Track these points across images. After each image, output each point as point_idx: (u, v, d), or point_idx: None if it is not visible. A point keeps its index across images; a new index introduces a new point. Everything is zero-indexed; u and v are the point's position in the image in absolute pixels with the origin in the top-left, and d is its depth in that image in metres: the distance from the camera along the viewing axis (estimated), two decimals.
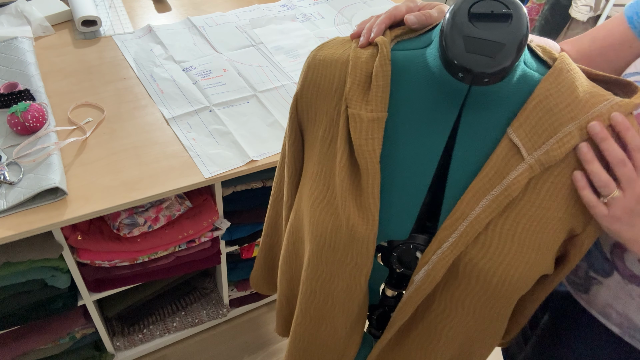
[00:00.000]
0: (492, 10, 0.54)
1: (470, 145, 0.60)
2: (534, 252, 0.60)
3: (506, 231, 0.59)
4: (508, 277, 0.60)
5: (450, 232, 0.59)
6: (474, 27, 0.54)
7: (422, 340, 0.70)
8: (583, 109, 0.57)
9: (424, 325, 0.68)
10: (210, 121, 1.30)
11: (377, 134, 0.61)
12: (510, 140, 0.57)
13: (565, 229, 0.61)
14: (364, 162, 0.61)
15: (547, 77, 0.58)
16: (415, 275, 0.63)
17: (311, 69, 0.67)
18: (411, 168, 0.63)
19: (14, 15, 1.52)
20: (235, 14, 1.71)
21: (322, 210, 0.65)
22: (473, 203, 0.58)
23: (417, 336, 0.70)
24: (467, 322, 0.66)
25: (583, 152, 0.57)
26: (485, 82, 0.55)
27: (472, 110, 0.60)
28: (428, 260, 0.61)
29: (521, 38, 0.53)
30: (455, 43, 0.54)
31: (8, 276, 1.10)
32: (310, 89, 0.67)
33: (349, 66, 0.63)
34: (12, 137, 1.15)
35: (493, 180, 0.58)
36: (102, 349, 1.49)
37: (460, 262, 0.61)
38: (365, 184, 0.61)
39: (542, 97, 0.57)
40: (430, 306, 0.66)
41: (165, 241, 1.25)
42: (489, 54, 0.53)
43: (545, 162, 0.57)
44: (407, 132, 0.62)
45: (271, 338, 1.73)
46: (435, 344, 0.69)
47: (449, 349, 0.70)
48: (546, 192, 0.58)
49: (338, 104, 0.64)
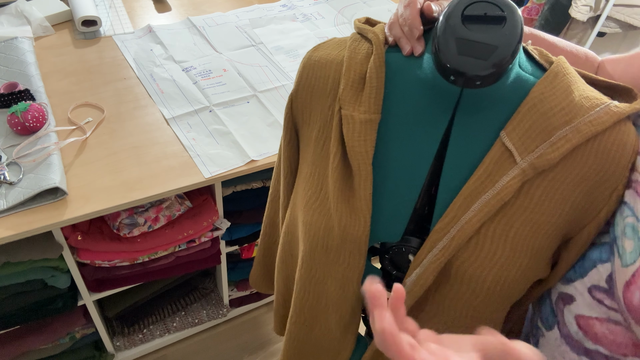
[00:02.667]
0: (486, 13, 0.53)
1: (463, 148, 0.60)
2: (527, 257, 0.59)
3: (498, 235, 0.58)
4: (500, 281, 0.59)
5: (442, 235, 0.59)
6: (467, 29, 0.53)
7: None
8: (578, 113, 0.56)
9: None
10: (210, 121, 1.30)
11: (370, 135, 0.60)
12: (503, 144, 0.57)
13: (559, 234, 0.60)
14: (356, 163, 0.61)
15: (542, 81, 0.57)
16: (407, 278, 0.62)
17: (306, 69, 0.67)
18: (404, 170, 0.62)
19: (14, 15, 1.52)
20: (235, 14, 1.71)
21: (314, 211, 0.65)
22: (465, 206, 0.58)
23: None
24: (459, 326, 0.65)
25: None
26: (477, 84, 0.55)
27: (465, 113, 0.59)
28: (420, 263, 0.60)
29: (515, 41, 0.53)
30: (447, 45, 0.54)
31: (8, 276, 1.10)
32: (305, 90, 0.67)
33: (343, 67, 0.62)
34: (12, 137, 1.15)
35: (485, 183, 0.57)
36: (102, 349, 1.49)
37: (452, 266, 0.60)
38: (358, 186, 0.61)
39: (537, 101, 0.56)
40: (422, 309, 0.66)
41: (165, 241, 1.25)
42: (481, 57, 0.53)
43: (539, 166, 0.56)
44: (400, 134, 0.62)
45: (271, 338, 1.72)
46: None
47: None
48: (539, 196, 0.58)
49: (332, 104, 0.64)
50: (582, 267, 0.61)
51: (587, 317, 0.60)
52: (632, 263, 0.54)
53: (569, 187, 0.57)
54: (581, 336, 0.61)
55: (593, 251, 0.60)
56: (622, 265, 0.55)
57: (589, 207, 0.58)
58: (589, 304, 0.60)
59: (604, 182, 0.57)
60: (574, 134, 0.55)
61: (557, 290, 0.66)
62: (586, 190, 0.58)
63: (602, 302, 0.58)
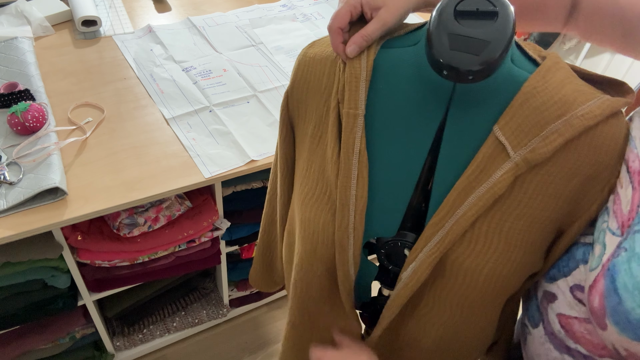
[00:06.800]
0: (478, 8, 0.54)
1: (457, 142, 0.60)
2: (521, 250, 0.59)
3: (492, 229, 0.59)
4: (495, 275, 0.60)
5: (437, 229, 0.59)
6: (459, 24, 0.54)
7: (412, 338, 0.70)
8: (571, 107, 0.56)
9: (413, 323, 0.68)
10: (210, 121, 1.30)
11: (363, 131, 0.61)
12: (497, 138, 0.57)
13: (553, 227, 0.60)
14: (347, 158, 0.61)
15: (534, 75, 0.57)
16: (403, 272, 0.63)
17: (301, 66, 0.67)
18: (398, 165, 0.63)
19: (14, 15, 1.52)
20: (235, 14, 1.71)
21: (312, 207, 0.66)
22: (459, 201, 0.58)
23: (407, 334, 0.70)
24: (455, 321, 0.66)
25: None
26: (470, 79, 0.55)
27: (459, 108, 0.59)
28: (415, 258, 0.61)
29: (507, 36, 0.53)
30: (440, 41, 0.54)
31: (8, 276, 1.10)
32: (300, 86, 0.67)
33: (339, 63, 0.62)
34: (12, 137, 1.15)
35: (479, 178, 0.58)
36: (102, 349, 1.49)
37: (448, 260, 0.61)
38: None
39: (529, 95, 0.56)
40: (419, 304, 0.66)
41: (165, 241, 1.25)
42: (473, 52, 0.53)
43: (532, 160, 0.56)
44: (394, 129, 0.62)
45: (271, 338, 1.73)
46: (424, 342, 0.69)
47: (438, 348, 0.70)
48: (533, 190, 0.58)
49: (327, 100, 0.64)
50: (567, 267, 0.62)
51: (567, 316, 0.61)
52: (595, 268, 0.54)
53: (563, 181, 0.58)
54: (563, 335, 0.62)
55: (578, 250, 0.61)
56: (589, 269, 0.56)
57: (582, 200, 0.59)
58: (569, 302, 0.60)
59: (597, 175, 0.58)
60: (567, 127, 0.56)
61: (542, 288, 0.67)
62: (579, 183, 0.58)
63: (582, 302, 0.58)
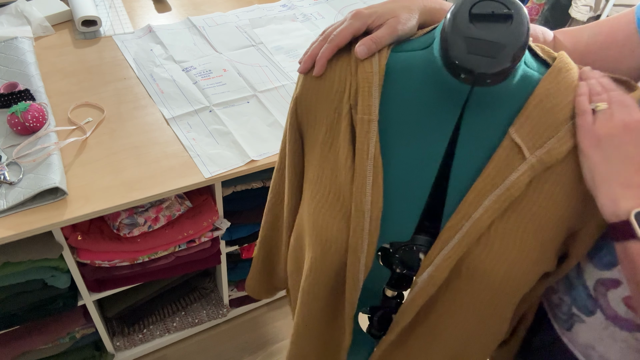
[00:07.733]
0: (493, 11, 0.54)
1: (472, 145, 0.60)
2: (536, 251, 0.60)
3: (509, 231, 0.59)
4: (511, 276, 0.60)
5: (454, 233, 0.59)
6: (475, 28, 0.54)
7: (425, 341, 0.70)
8: None
9: (427, 325, 0.68)
10: (210, 121, 1.30)
11: (377, 136, 0.61)
12: (512, 140, 0.58)
13: (565, 227, 0.61)
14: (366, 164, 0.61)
15: (546, 77, 0.58)
16: (418, 277, 0.62)
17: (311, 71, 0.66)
18: (413, 169, 0.62)
19: (14, 15, 1.52)
20: (235, 14, 1.71)
21: (325, 213, 0.65)
22: (476, 204, 0.58)
23: (420, 336, 0.70)
24: (469, 322, 0.66)
25: (584, 71, 0.59)
26: (487, 82, 0.56)
27: (474, 111, 0.60)
28: (431, 262, 0.61)
29: (522, 38, 0.53)
30: (456, 44, 0.54)
31: (8, 276, 1.10)
32: (309, 92, 0.66)
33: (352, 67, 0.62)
34: (12, 137, 1.15)
35: (495, 180, 0.58)
36: (102, 349, 1.49)
37: (463, 263, 0.61)
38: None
39: (543, 97, 0.57)
40: (433, 307, 0.66)
41: (165, 241, 1.25)
42: (490, 55, 0.53)
43: (547, 161, 0.57)
44: (409, 133, 0.62)
45: (271, 338, 1.73)
46: (437, 344, 0.69)
47: (451, 348, 0.70)
48: (547, 191, 0.58)
49: (338, 106, 0.64)
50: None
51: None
52: None
53: (576, 180, 0.58)
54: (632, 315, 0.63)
55: None
56: None
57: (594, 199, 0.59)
58: None
59: None
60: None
61: (594, 277, 0.67)
62: None
63: None
